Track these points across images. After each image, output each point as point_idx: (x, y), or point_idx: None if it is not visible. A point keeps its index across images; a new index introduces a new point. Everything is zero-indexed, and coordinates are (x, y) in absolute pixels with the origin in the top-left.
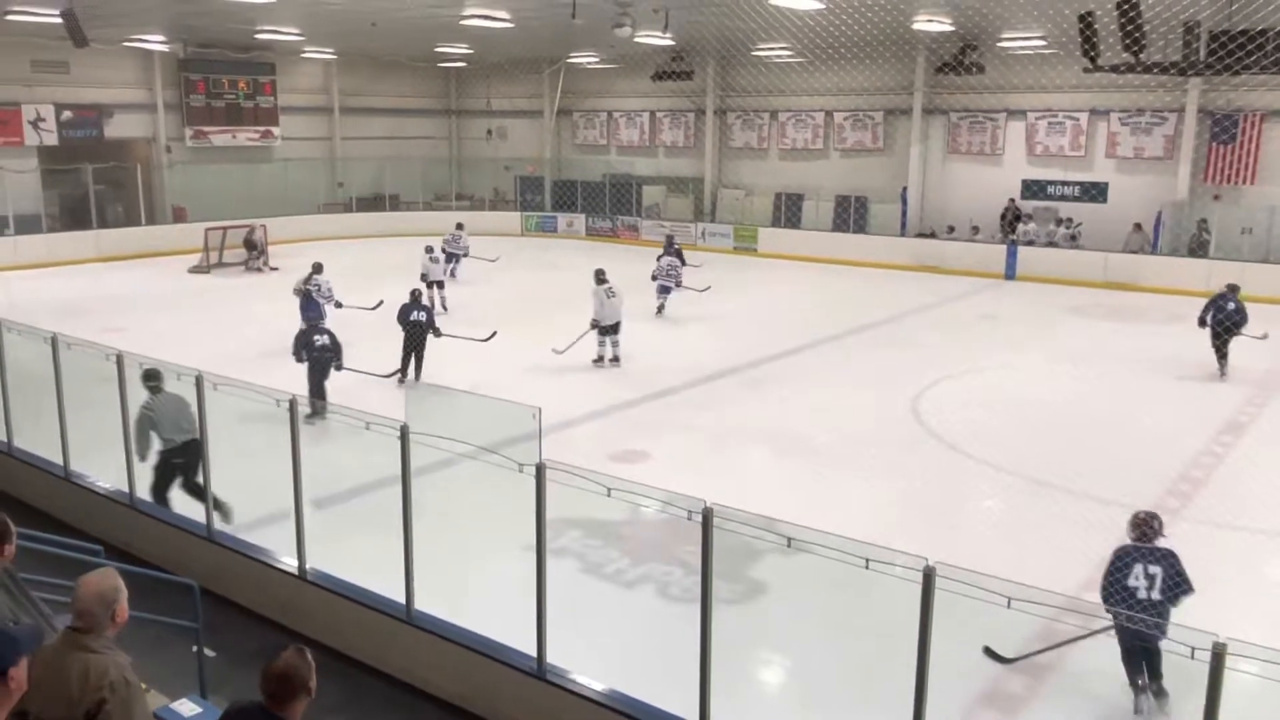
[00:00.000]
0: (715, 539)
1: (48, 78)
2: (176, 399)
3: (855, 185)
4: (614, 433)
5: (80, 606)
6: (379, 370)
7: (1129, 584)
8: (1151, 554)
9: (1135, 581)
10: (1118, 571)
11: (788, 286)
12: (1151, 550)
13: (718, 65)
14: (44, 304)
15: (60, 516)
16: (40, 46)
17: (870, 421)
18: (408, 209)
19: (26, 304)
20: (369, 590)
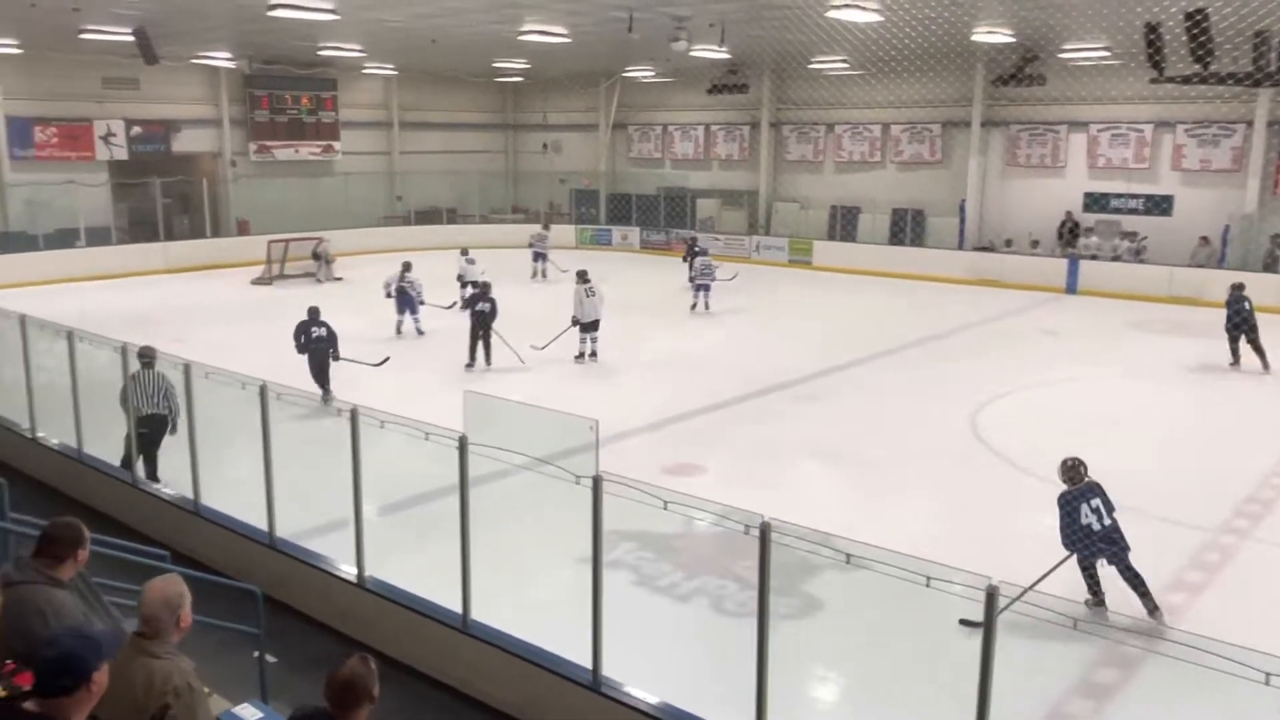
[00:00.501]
0: (773, 554)
1: (118, 94)
2: (158, 376)
3: (912, 198)
4: (668, 445)
5: (146, 612)
6: (369, 360)
7: (1083, 523)
8: (1088, 491)
9: (1087, 519)
10: (1070, 517)
11: (843, 300)
12: (1086, 488)
13: (773, 78)
14: (114, 314)
15: (127, 522)
16: (112, 64)
17: (926, 437)
18: (464, 222)
19: (97, 314)
20: (426, 600)
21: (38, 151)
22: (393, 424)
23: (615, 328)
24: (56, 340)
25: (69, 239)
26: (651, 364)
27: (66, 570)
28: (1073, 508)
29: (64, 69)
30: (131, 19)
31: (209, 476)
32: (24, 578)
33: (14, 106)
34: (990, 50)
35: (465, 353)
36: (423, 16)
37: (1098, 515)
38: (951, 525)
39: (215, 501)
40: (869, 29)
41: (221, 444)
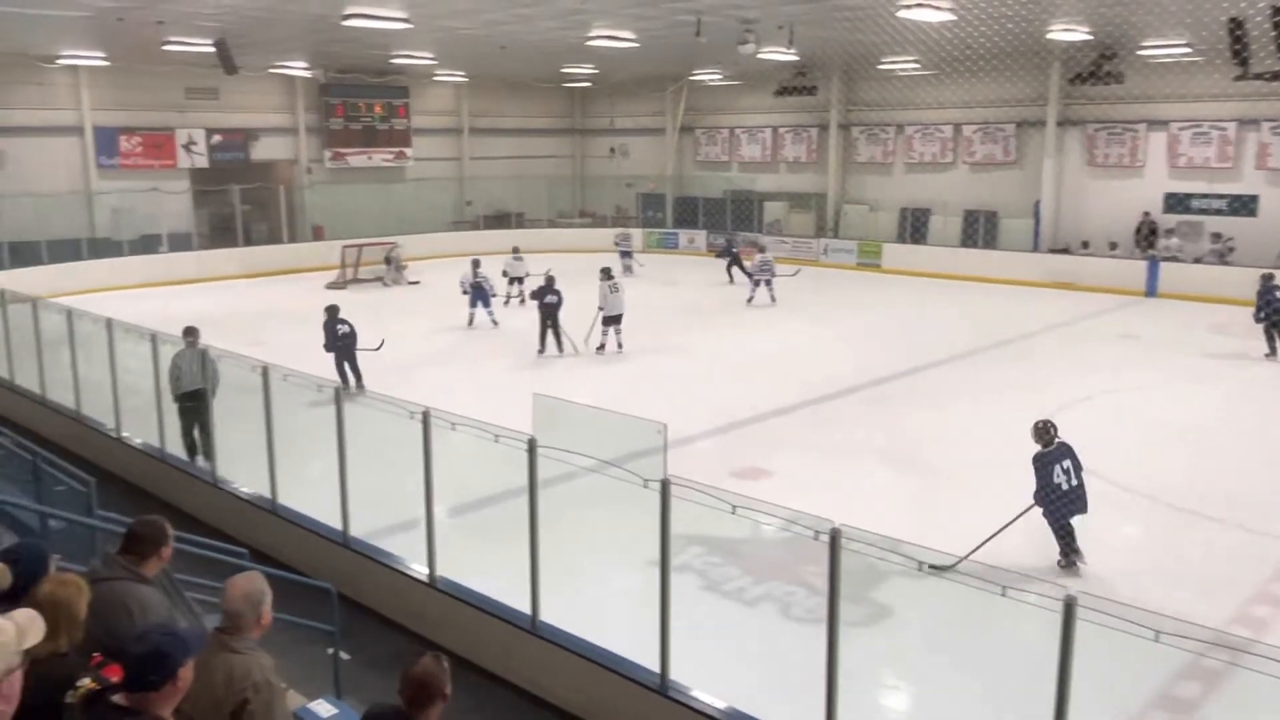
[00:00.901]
0: (843, 560)
1: (199, 104)
2: (201, 353)
3: (984, 199)
4: (735, 449)
5: (228, 608)
6: (371, 345)
7: (1055, 481)
8: (1060, 452)
9: (1059, 479)
10: (1045, 477)
11: (913, 303)
12: (1058, 450)
13: (842, 79)
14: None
15: (208, 520)
16: (194, 75)
17: (999, 442)
18: (532, 226)
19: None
20: (495, 600)
21: (123, 160)
22: (464, 426)
23: (681, 331)
24: (140, 343)
25: (152, 245)
26: (719, 367)
27: (151, 567)
28: (1046, 468)
29: (148, 80)
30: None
31: (286, 476)
32: (111, 574)
33: (101, 117)
34: (1066, 48)
35: (536, 341)
36: (493, 23)
37: (1068, 475)
38: (1026, 534)
39: (292, 501)
40: (941, 28)
41: (298, 445)
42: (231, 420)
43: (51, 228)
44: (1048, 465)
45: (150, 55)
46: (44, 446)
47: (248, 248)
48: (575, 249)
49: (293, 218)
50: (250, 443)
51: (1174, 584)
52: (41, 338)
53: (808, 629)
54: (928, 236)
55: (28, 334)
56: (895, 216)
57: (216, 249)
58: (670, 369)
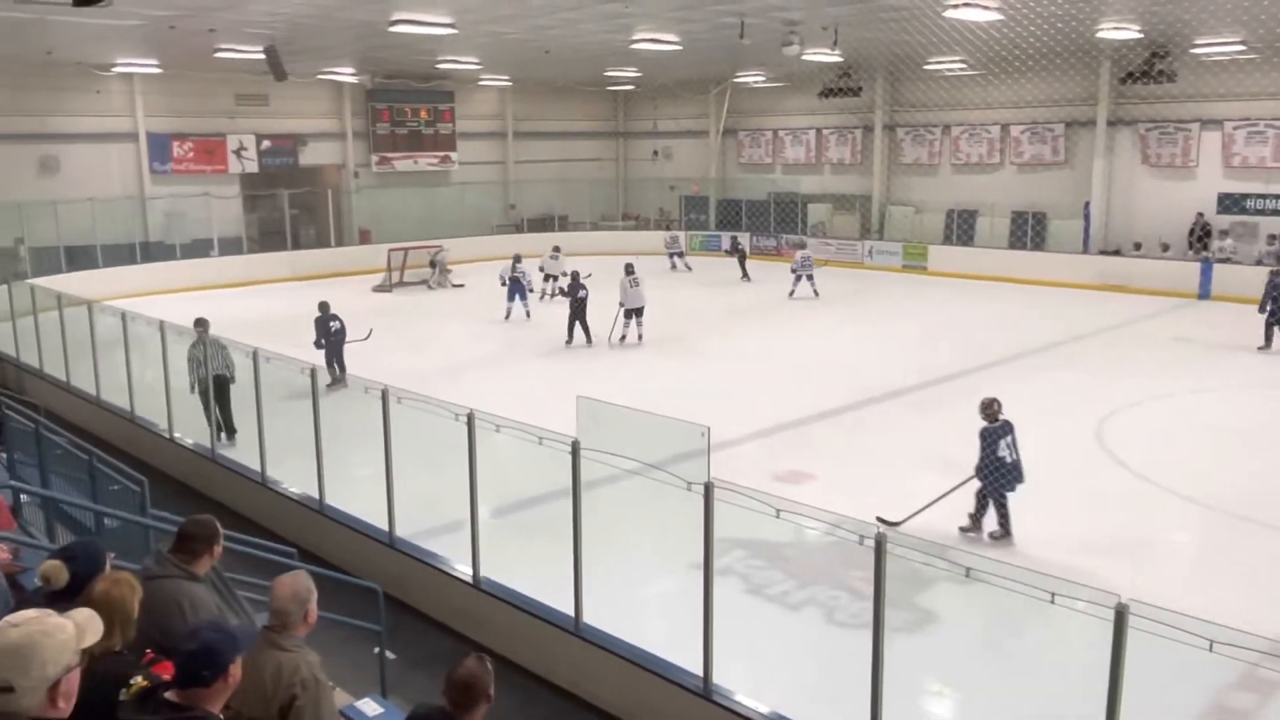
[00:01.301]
0: (888, 565)
1: (250, 110)
2: (215, 342)
3: (1033, 200)
4: (778, 452)
5: (277, 606)
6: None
7: (1000, 455)
8: (1004, 428)
9: (1003, 452)
10: (991, 450)
11: (960, 306)
12: (1002, 425)
13: (887, 80)
14: (244, 320)
15: (257, 520)
16: (244, 81)
17: (1049, 447)
18: (575, 229)
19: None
20: (539, 601)
21: (175, 165)
22: (508, 428)
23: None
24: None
25: (203, 249)
26: (763, 370)
27: (202, 565)
28: (993, 442)
29: (200, 87)
30: (263, 38)
31: (333, 477)
32: (163, 572)
33: (154, 123)
34: (1117, 47)
35: (564, 333)
36: (538, 28)
37: (1010, 450)
38: (1075, 540)
39: (339, 501)
40: (989, 28)
41: (344, 446)
42: (279, 421)
43: (106, 232)
44: (994, 439)
45: (202, 63)
46: (99, 446)
47: (296, 251)
48: (618, 251)
49: (340, 221)
50: (298, 444)
51: (1229, 592)
52: (97, 340)
53: (852, 634)
54: (975, 238)
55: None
56: (941, 218)
57: (265, 253)
58: (713, 371)
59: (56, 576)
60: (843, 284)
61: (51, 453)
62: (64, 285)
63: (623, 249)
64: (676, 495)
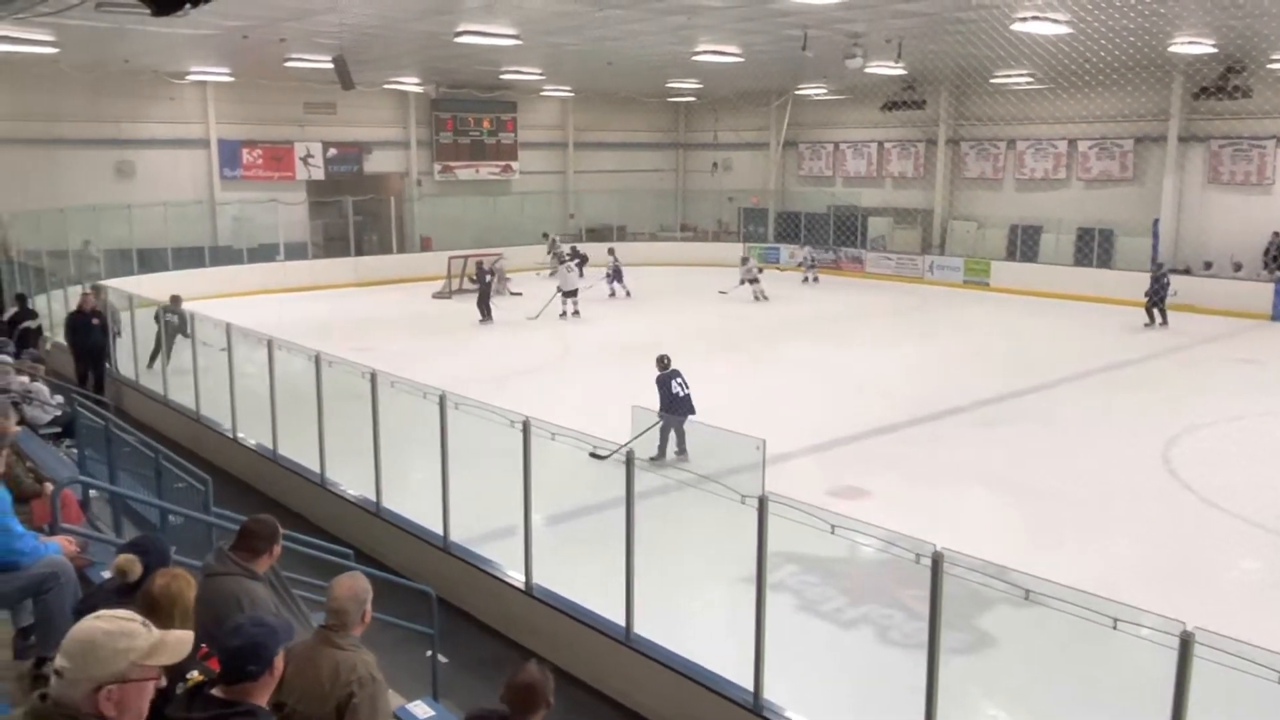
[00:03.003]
0: (945, 585)
1: (317, 118)
2: (182, 313)
3: (1099, 217)
4: (833, 467)
5: (335, 605)
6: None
7: (674, 392)
8: (674, 372)
9: (676, 390)
10: (668, 389)
11: (1023, 323)
12: (673, 371)
13: (952, 94)
14: (308, 324)
15: (315, 520)
16: (312, 90)
17: (1113, 470)
18: (634, 239)
19: (293, 323)
20: (590, 610)
21: (244, 172)
22: (563, 436)
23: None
24: (257, 348)
25: (270, 253)
26: (820, 384)
27: (262, 563)
28: (667, 384)
29: (269, 95)
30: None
31: (390, 481)
32: (224, 569)
33: (225, 130)
34: (1190, 61)
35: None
36: (600, 39)
37: (681, 387)
38: (1139, 565)
39: (395, 504)
40: (1057, 41)
41: (402, 450)
42: (339, 424)
43: (177, 235)
44: (668, 381)
45: (272, 71)
46: (165, 445)
47: (359, 257)
48: (675, 262)
49: (402, 229)
50: (356, 447)
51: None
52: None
53: (906, 654)
54: (1039, 254)
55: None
56: (1004, 233)
57: (330, 258)
58: (770, 384)
59: (131, 569)
60: (903, 299)
61: (120, 450)
62: (136, 287)
63: (679, 260)
64: (730, 508)
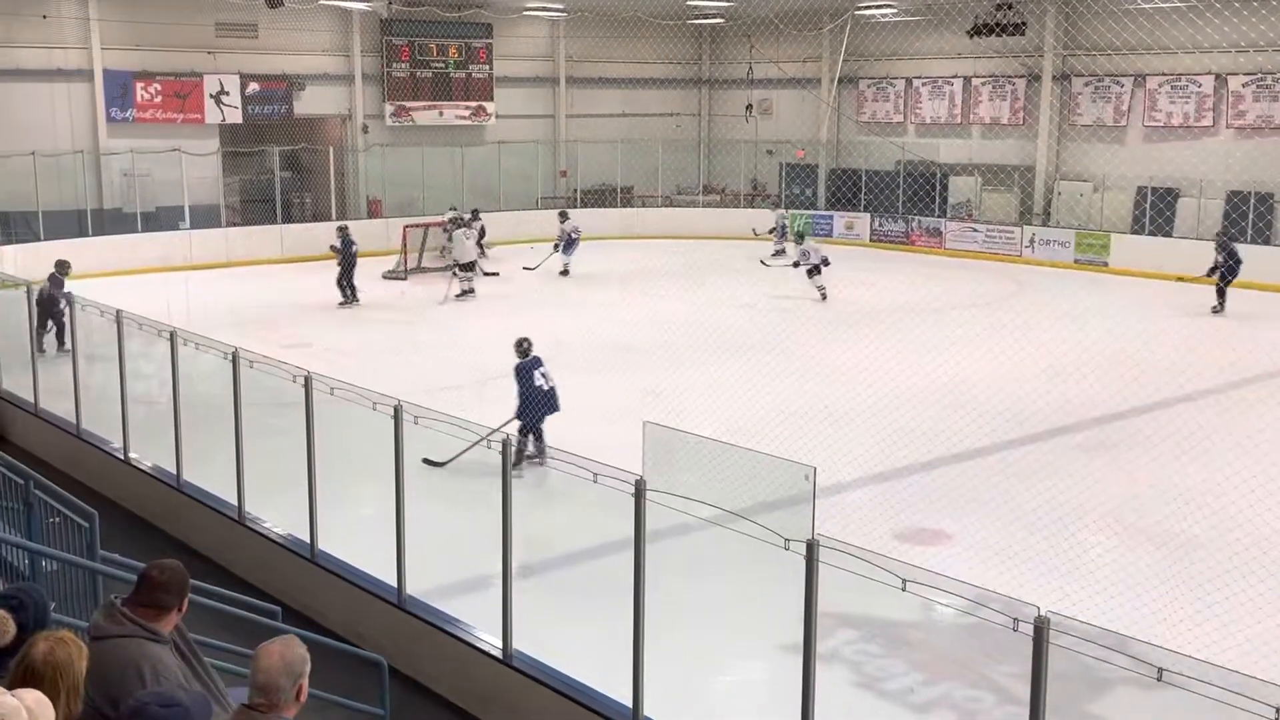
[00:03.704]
0: (1049, 659)
1: (233, 43)
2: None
3: (1257, 178)
4: (901, 503)
5: (263, 680)
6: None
7: (536, 384)
8: (535, 361)
9: (540, 381)
10: (528, 380)
11: (1152, 315)
12: (534, 360)
13: (1060, 14)
14: (222, 312)
15: (231, 568)
16: (226, 6)
17: (1271, 510)
18: (644, 205)
19: (203, 311)
20: (586, 685)
21: (138, 113)
22: (554, 460)
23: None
24: (155, 342)
25: (171, 219)
26: (883, 395)
27: (167, 622)
28: (529, 374)
29: (170, 12)
30: None
31: (330, 517)
32: (118, 629)
33: (113, 58)
34: None
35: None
36: None
37: (544, 379)
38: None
39: (336, 547)
40: None
41: (346, 477)
42: (266, 442)
43: (50, 195)
44: (529, 372)
45: None
46: (36, 469)
47: (287, 225)
48: (697, 234)
49: (344, 188)
50: (286, 472)
51: None
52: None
53: None
54: (1175, 226)
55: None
56: (1130, 198)
57: (250, 225)
58: (819, 394)
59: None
60: (994, 283)
61: None
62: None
63: (703, 231)
64: (768, 554)
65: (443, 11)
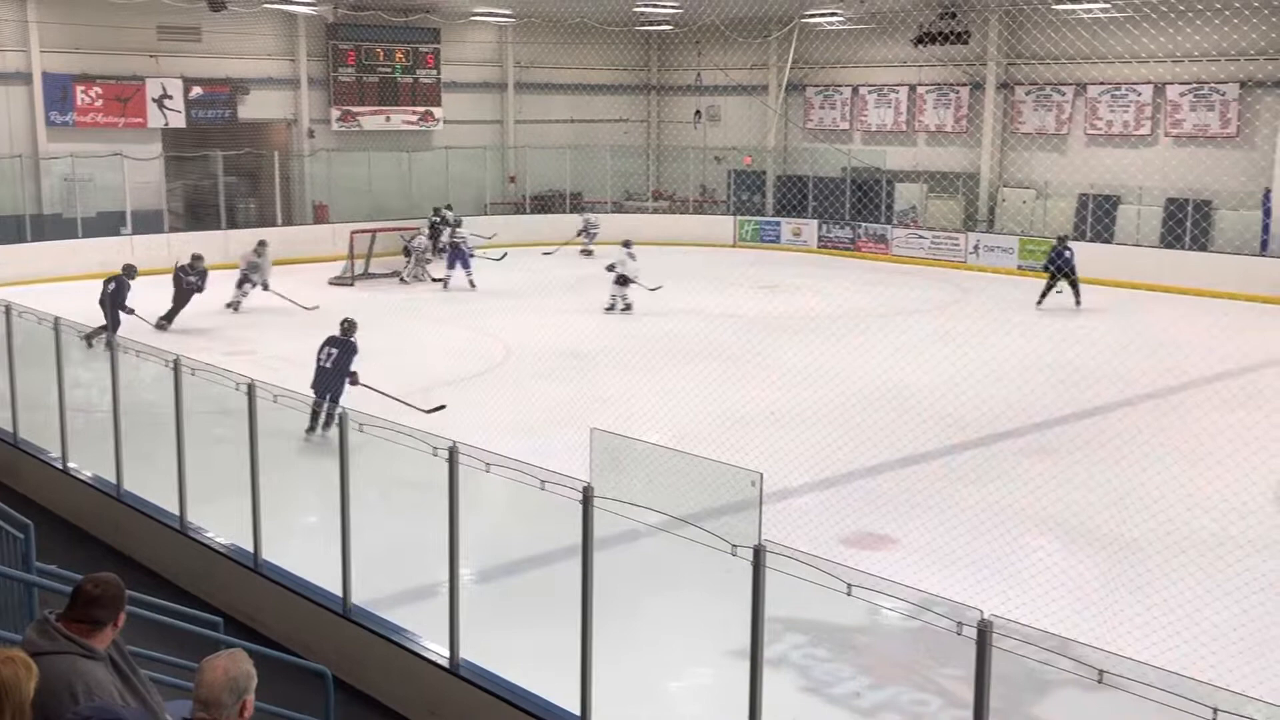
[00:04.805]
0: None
1: (176, 47)
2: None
3: (1195, 185)
4: (847, 507)
5: (206, 694)
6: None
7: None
8: (332, 341)
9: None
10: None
11: (1094, 320)
12: (334, 339)
13: (1003, 24)
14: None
15: (173, 579)
16: (169, 10)
17: (1209, 513)
18: (593, 210)
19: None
20: (534, 694)
21: (79, 117)
22: (501, 467)
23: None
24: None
25: (113, 225)
26: (830, 400)
27: (103, 638)
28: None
29: (112, 14)
30: None
31: (274, 526)
32: (51, 646)
33: (52, 61)
34: None
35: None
36: None
37: (329, 358)
38: (1245, 638)
39: (280, 557)
40: None
41: (290, 486)
42: (209, 451)
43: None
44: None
45: None
46: None
47: (231, 230)
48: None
49: (289, 193)
50: (229, 480)
51: None
52: None
53: None
54: (1115, 233)
55: None
56: (1072, 205)
57: (193, 231)
58: (766, 400)
59: None
60: (939, 290)
61: None
62: None
63: (652, 236)
64: (716, 561)
65: (389, 16)
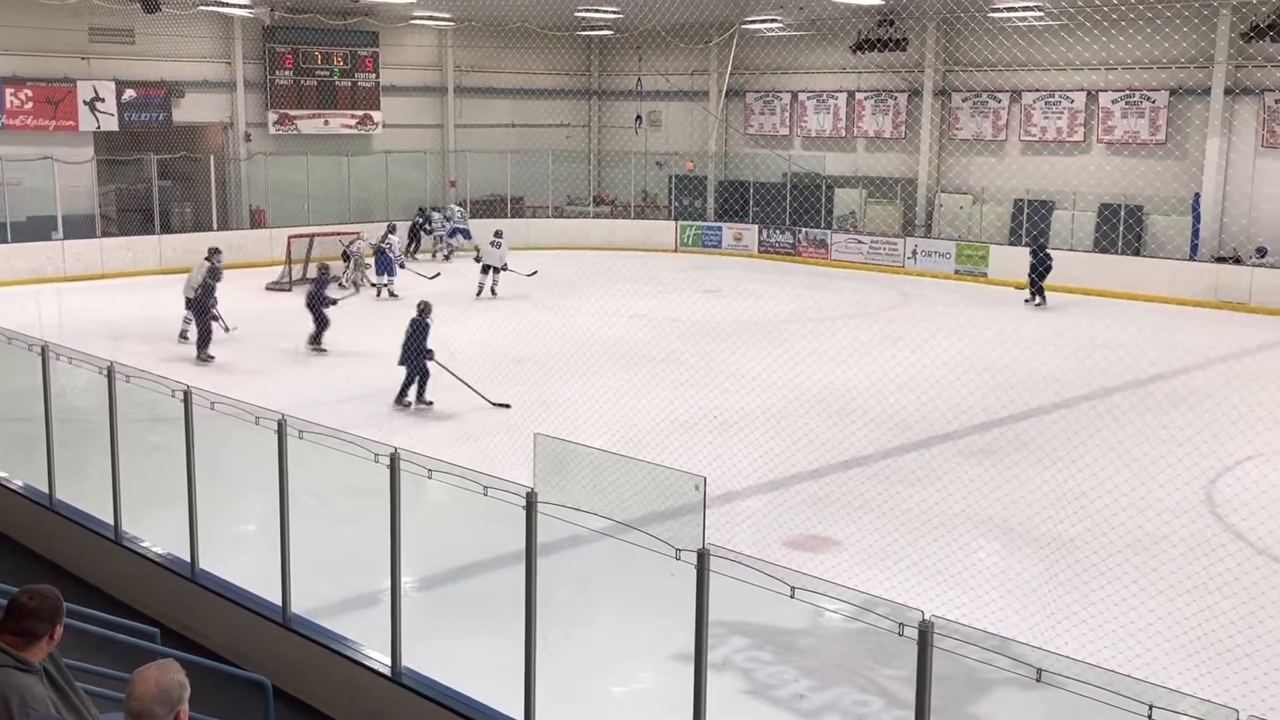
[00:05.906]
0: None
1: (108, 49)
2: None
3: (1126, 190)
4: (791, 511)
5: (137, 707)
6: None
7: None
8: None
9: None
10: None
11: (1029, 325)
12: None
13: (941, 31)
14: (97, 325)
15: (107, 589)
16: (101, 11)
17: (1143, 513)
18: (534, 215)
19: (77, 324)
20: (478, 702)
21: (8, 119)
22: (443, 473)
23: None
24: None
25: (43, 229)
26: (774, 404)
27: (38, 651)
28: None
29: (42, 14)
30: None
31: (211, 534)
32: None
33: None
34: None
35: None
36: None
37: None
38: (1180, 635)
39: (217, 566)
40: None
41: (228, 493)
42: (143, 460)
43: None
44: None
45: None
46: None
47: (166, 235)
48: (588, 245)
49: (225, 198)
50: (165, 489)
51: None
52: None
53: None
54: (1050, 238)
55: None
56: (1008, 210)
57: (126, 236)
58: (709, 404)
59: None
60: (878, 294)
61: None
62: None
63: (594, 242)
64: (659, 565)
65: (327, 19)
